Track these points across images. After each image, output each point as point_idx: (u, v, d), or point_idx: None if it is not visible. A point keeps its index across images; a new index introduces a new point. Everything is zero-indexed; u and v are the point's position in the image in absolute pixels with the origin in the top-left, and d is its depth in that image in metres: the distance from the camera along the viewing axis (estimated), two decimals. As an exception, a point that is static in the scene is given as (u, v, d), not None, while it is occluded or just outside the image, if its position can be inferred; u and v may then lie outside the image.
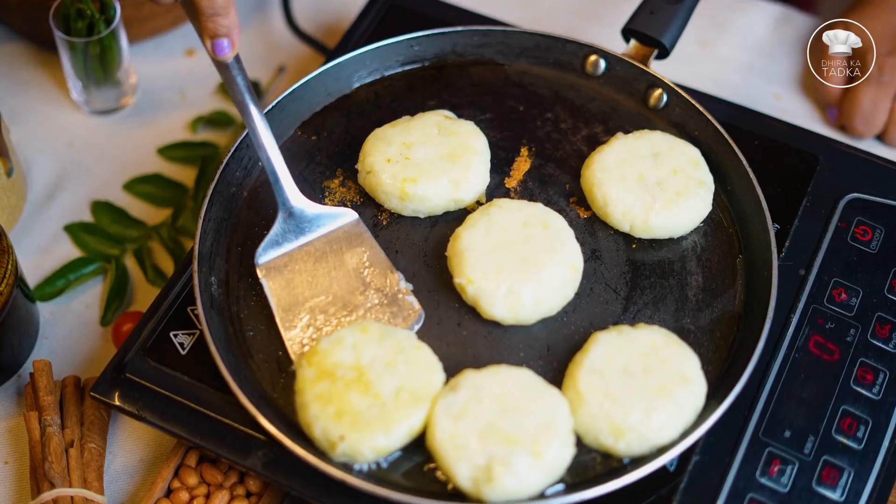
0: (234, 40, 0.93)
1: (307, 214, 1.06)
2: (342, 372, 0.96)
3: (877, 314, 1.04)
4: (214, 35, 0.93)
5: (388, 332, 0.99)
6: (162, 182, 1.25)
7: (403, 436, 0.95)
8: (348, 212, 1.07)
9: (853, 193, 1.11)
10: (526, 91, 1.19)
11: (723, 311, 1.04)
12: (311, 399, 0.95)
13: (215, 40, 0.93)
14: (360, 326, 0.99)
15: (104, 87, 1.27)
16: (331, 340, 0.98)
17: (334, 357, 0.97)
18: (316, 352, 0.97)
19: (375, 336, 0.98)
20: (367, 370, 0.96)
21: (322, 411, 0.94)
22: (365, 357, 0.97)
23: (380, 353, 0.97)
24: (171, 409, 1.00)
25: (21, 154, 1.26)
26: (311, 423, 0.95)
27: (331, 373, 0.96)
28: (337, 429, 0.93)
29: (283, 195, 1.04)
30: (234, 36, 0.93)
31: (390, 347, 0.97)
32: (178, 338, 1.03)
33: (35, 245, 1.21)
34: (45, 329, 1.16)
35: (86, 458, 1.04)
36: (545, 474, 0.93)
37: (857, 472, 0.97)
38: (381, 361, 0.97)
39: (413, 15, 1.25)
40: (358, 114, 1.18)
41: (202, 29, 0.93)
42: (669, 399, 0.95)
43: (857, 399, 1.00)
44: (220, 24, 0.92)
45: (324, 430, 0.94)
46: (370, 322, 1.00)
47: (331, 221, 1.06)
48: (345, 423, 0.94)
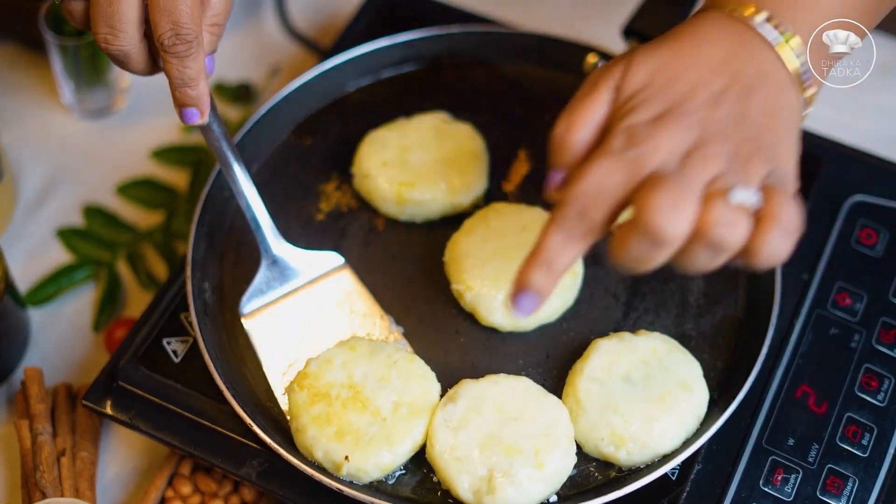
0: (203, 109, 0.93)
1: (291, 261, 1.03)
2: (336, 391, 0.95)
3: (881, 319, 1.03)
4: (182, 105, 0.92)
5: (377, 348, 0.97)
6: (155, 186, 1.24)
7: (408, 451, 0.94)
8: (334, 256, 1.05)
9: (857, 196, 1.10)
10: (524, 92, 1.18)
11: (725, 316, 1.03)
12: (308, 422, 0.94)
13: (183, 109, 0.92)
14: (347, 345, 0.98)
15: (96, 90, 1.26)
16: (319, 361, 0.97)
17: (326, 378, 0.95)
18: (306, 374, 0.96)
19: (364, 352, 0.97)
20: (361, 387, 0.95)
21: (321, 433, 0.93)
22: (357, 374, 0.95)
23: (371, 368, 0.96)
24: (164, 417, 0.98)
25: (11, 158, 1.25)
26: (311, 446, 0.93)
27: (325, 393, 0.95)
28: (340, 449, 0.92)
29: (266, 243, 1.02)
30: (202, 105, 0.92)
31: (381, 362, 0.96)
32: (171, 345, 1.02)
33: (25, 250, 1.20)
34: (37, 335, 1.14)
35: (78, 467, 1.03)
36: (547, 484, 0.92)
37: (862, 481, 0.96)
38: (374, 377, 0.95)
39: (409, 15, 1.23)
40: (353, 116, 1.16)
41: (172, 97, 0.92)
42: (671, 407, 0.94)
43: (861, 406, 0.99)
44: (188, 94, 0.91)
45: (326, 452, 0.93)
46: (357, 339, 0.99)
47: (317, 266, 1.04)
48: (347, 443, 0.92)
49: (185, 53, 0.89)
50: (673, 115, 0.80)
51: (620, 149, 0.78)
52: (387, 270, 1.07)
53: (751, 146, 0.79)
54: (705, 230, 0.75)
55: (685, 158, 0.78)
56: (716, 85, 0.81)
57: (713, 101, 0.80)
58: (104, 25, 0.88)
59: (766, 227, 0.75)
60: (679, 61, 0.82)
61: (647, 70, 0.82)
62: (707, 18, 0.85)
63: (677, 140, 0.78)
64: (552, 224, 0.79)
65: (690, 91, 0.81)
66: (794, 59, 0.83)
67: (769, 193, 0.76)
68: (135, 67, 0.92)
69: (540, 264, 0.79)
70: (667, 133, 0.78)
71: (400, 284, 1.05)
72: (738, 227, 0.75)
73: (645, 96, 0.81)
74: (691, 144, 0.78)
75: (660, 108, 0.80)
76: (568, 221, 0.78)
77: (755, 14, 0.84)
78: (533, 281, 0.80)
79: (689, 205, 0.75)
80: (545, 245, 0.79)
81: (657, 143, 0.78)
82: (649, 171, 0.77)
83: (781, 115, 0.82)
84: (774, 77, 0.82)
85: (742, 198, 0.75)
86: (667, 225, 0.74)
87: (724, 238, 0.75)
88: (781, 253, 0.76)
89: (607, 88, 0.83)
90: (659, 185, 0.75)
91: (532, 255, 0.80)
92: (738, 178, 0.77)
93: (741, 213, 0.75)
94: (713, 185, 0.76)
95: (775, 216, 0.75)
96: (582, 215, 0.78)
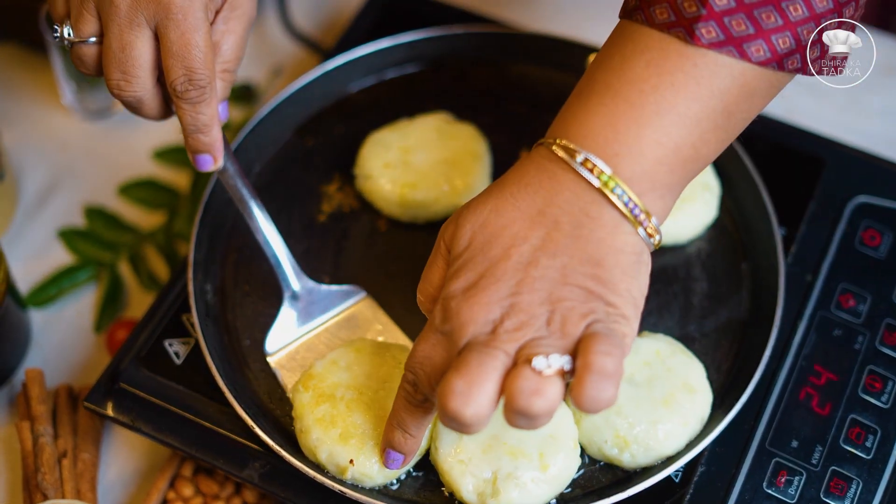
0: (217, 156, 0.93)
1: (314, 297, 1.02)
2: (341, 392, 0.94)
3: (885, 321, 1.03)
4: (195, 151, 0.93)
5: (383, 348, 0.97)
6: (156, 186, 1.24)
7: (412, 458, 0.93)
8: (357, 290, 1.03)
9: (861, 197, 1.09)
10: (527, 93, 1.17)
11: (728, 318, 1.03)
12: (312, 423, 0.93)
13: (196, 156, 0.93)
14: (353, 346, 0.97)
15: (97, 90, 1.26)
16: (325, 362, 0.96)
17: (331, 379, 0.95)
18: (311, 375, 0.96)
19: (369, 353, 0.96)
20: (366, 389, 0.94)
21: (325, 435, 0.92)
22: (362, 375, 0.95)
23: (376, 370, 0.95)
24: (166, 419, 0.98)
25: (12, 158, 1.25)
26: (314, 448, 0.93)
27: (330, 395, 0.94)
28: (344, 452, 0.92)
29: (287, 280, 1.01)
30: (215, 152, 0.93)
31: (386, 363, 0.96)
32: (172, 346, 1.02)
33: (27, 251, 1.19)
34: (38, 336, 1.14)
35: (79, 469, 1.02)
36: (551, 486, 0.92)
37: (866, 483, 0.95)
38: (379, 378, 0.95)
39: (411, 15, 1.23)
40: (356, 116, 1.16)
41: (185, 143, 0.93)
42: (675, 409, 0.94)
43: (865, 408, 0.99)
44: (200, 140, 0.92)
45: (330, 455, 0.92)
46: (363, 340, 0.98)
47: (340, 301, 1.03)
48: (352, 447, 0.92)
49: (198, 99, 0.89)
50: (483, 284, 0.78)
51: (439, 323, 0.80)
52: (389, 271, 1.06)
53: (570, 303, 0.77)
54: (509, 401, 0.74)
55: (493, 331, 0.77)
56: (534, 240, 0.79)
57: (529, 260, 0.78)
58: (117, 71, 0.88)
59: (580, 378, 0.73)
60: (497, 217, 0.80)
61: (469, 229, 0.81)
62: (531, 161, 0.82)
63: (485, 311, 0.77)
64: (399, 391, 0.85)
65: (504, 253, 0.79)
66: (617, 200, 0.78)
67: (585, 343, 0.75)
68: (148, 113, 0.92)
69: (396, 427, 0.87)
70: (476, 305, 0.77)
71: (402, 286, 1.04)
72: (544, 393, 0.73)
73: (464, 260, 0.80)
74: (502, 313, 0.77)
75: (474, 276, 0.79)
76: (406, 388, 0.84)
77: (574, 154, 0.79)
78: (393, 441, 0.88)
79: (480, 387, 0.74)
80: (396, 409, 0.86)
81: (465, 318, 0.78)
82: (462, 344, 0.77)
83: (610, 258, 0.78)
84: (600, 220, 0.79)
85: (541, 365, 0.74)
86: (458, 408, 0.74)
87: (531, 406, 0.73)
88: (603, 399, 0.73)
89: (446, 249, 0.83)
90: (458, 368, 0.75)
91: (390, 418, 0.87)
92: (551, 340, 0.75)
93: (548, 377, 0.74)
94: (522, 352, 0.75)
95: (588, 366, 0.73)
96: (415, 385, 0.82)
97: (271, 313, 1.03)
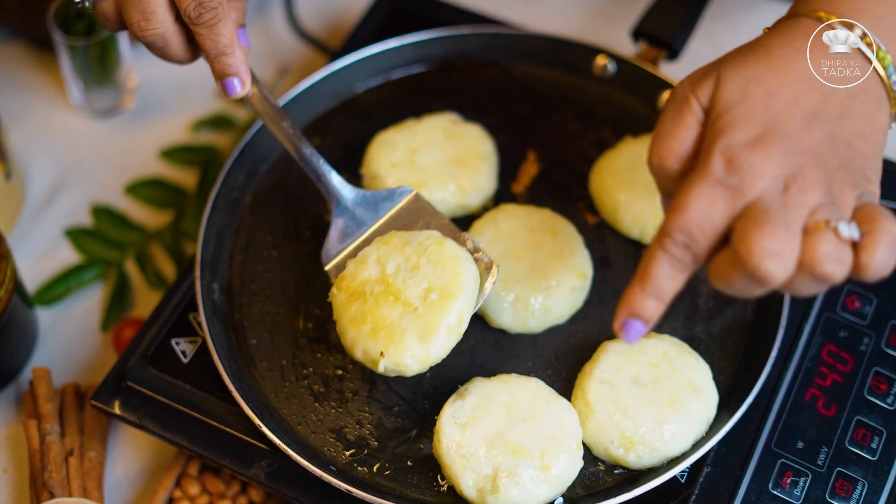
0: (244, 78, 0.95)
1: (362, 202, 1.02)
2: (370, 287, 0.94)
3: (891, 322, 1.03)
4: (223, 75, 0.94)
5: (410, 238, 0.96)
6: (163, 186, 1.24)
7: (443, 340, 0.91)
8: (404, 188, 1.03)
9: (867, 199, 1.09)
10: (533, 94, 1.17)
11: (734, 319, 1.03)
12: (347, 324, 0.93)
13: (224, 80, 0.94)
14: (382, 240, 0.96)
15: (104, 89, 1.26)
16: (356, 261, 0.96)
17: (361, 276, 0.94)
18: (344, 276, 0.95)
19: (397, 244, 0.95)
20: (393, 280, 0.93)
21: (359, 332, 0.92)
22: (389, 267, 0.94)
23: (403, 259, 0.94)
24: (172, 418, 0.98)
25: (19, 157, 1.25)
26: (352, 347, 0.93)
27: (360, 292, 0.94)
28: (376, 346, 0.91)
29: (336, 189, 1.01)
30: (242, 73, 0.94)
31: (412, 251, 0.95)
32: (179, 345, 1.02)
33: (34, 249, 1.20)
34: (45, 335, 1.14)
35: (86, 467, 1.03)
36: (552, 487, 0.92)
37: (871, 484, 0.95)
38: (405, 268, 0.94)
39: (418, 16, 1.23)
40: (362, 117, 1.16)
41: (211, 71, 0.94)
42: (680, 410, 0.94)
43: (871, 409, 0.99)
44: (226, 63, 0.93)
45: (365, 351, 0.92)
46: (393, 233, 0.97)
47: (389, 202, 1.02)
48: (381, 339, 0.91)
49: (212, 21, 0.91)
50: (772, 138, 0.77)
51: (721, 175, 0.76)
52: (395, 271, 1.06)
53: (843, 173, 0.77)
54: (813, 266, 0.74)
55: (786, 189, 0.76)
56: (811, 102, 0.79)
57: (808, 122, 0.78)
58: (136, 13, 0.91)
59: (875, 243, 0.74)
60: (774, 75, 0.79)
61: (740, 84, 0.80)
62: (797, 29, 0.82)
63: (778, 167, 0.76)
64: (659, 253, 0.78)
65: (787, 110, 0.78)
66: (887, 78, 0.81)
67: (866, 212, 0.76)
68: (174, 53, 0.95)
69: (648, 294, 0.79)
70: (768, 159, 0.76)
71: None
72: (844, 259, 0.74)
73: (740, 113, 0.79)
74: (791, 171, 0.76)
75: (757, 129, 0.78)
76: (674, 251, 0.78)
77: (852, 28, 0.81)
78: (642, 310, 0.79)
79: (793, 247, 0.74)
80: (653, 275, 0.78)
81: (759, 171, 0.76)
82: (751, 199, 0.76)
83: (871, 136, 0.80)
84: (868, 96, 0.80)
85: (848, 233, 0.74)
86: (772, 269, 0.73)
87: (833, 272, 0.74)
88: (890, 264, 0.75)
89: (698, 104, 0.81)
90: (763, 225, 0.74)
91: (639, 284, 0.79)
92: (834, 208, 0.76)
93: (846, 245, 0.75)
94: (812, 216, 0.75)
95: (885, 231, 0.74)
96: (687, 246, 0.77)
97: (278, 312, 1.03)
